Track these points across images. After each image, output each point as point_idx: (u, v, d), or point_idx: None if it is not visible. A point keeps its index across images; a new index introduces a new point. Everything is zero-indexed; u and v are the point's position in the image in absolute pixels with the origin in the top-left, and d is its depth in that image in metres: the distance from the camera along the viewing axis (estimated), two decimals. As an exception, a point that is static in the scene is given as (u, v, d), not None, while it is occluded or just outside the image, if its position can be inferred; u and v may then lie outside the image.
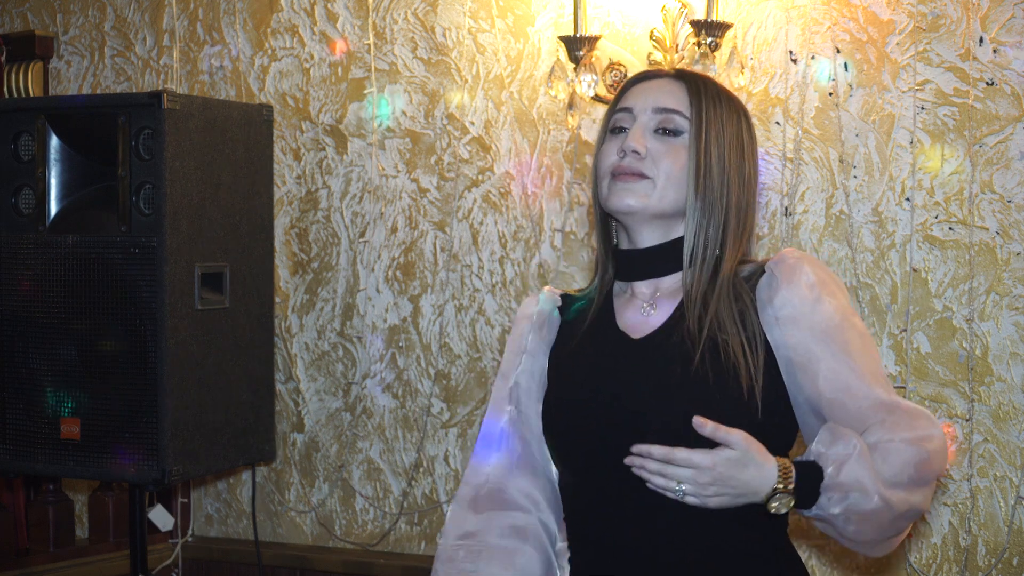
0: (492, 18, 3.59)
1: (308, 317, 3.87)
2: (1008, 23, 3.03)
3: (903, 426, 1.87)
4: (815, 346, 1.93)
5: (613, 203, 1.99)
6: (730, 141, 2.00)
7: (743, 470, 1.82)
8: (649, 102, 2.01)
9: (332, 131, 3.82)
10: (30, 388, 3.21)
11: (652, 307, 2.02)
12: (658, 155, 1.98)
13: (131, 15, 4.14)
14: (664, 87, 2.02)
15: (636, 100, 2.02)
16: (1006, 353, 3.05)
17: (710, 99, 2.00)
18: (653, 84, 2.04)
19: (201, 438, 3.19)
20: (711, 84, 2.04)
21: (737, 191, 2.00)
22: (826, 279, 1.98)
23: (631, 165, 1.98)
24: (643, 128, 1.99)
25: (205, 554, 3.99)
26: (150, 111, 3.08)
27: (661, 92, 2.02)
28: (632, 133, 1.99)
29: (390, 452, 3.77)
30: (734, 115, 2.02)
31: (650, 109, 2.00)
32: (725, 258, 1.99)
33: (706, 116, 1.99)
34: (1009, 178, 3.04)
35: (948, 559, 3.11)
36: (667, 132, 1.99)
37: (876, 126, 3.16)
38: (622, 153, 1.99)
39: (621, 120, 2.03)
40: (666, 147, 1.99)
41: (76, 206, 3.23)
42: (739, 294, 1.98)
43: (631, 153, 1.98)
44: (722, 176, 1.98)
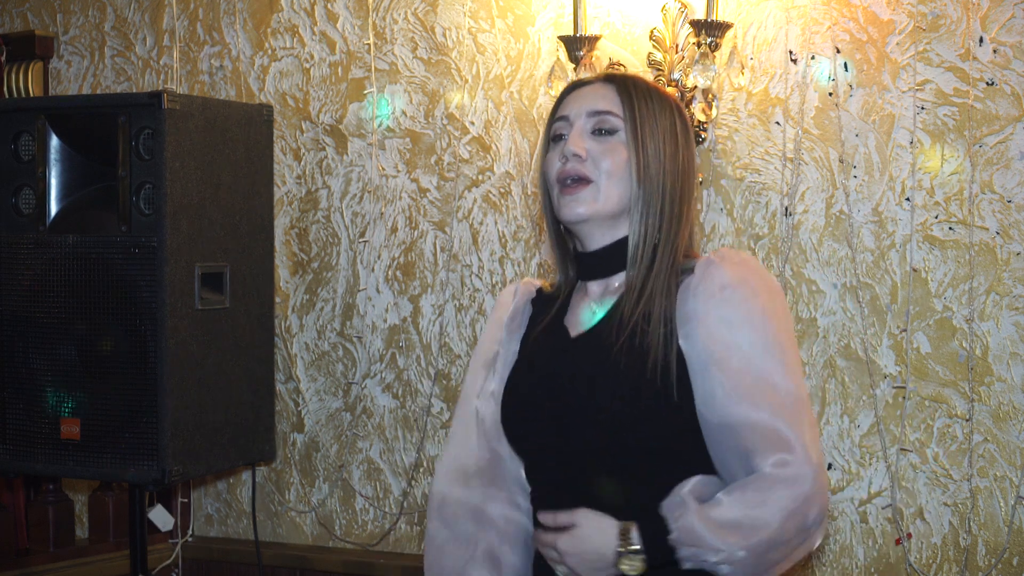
0: (492, 18, 3.59)
1: (308, 317, 3.87)
2: (1008, 23, 3.03)
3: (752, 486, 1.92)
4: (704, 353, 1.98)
5: (565, 215, 2.09)
6: (664, 134, 2.08)
7: (585, 542, 1.95)
8: (584, 107, 2.10)
9: (332, 131, 3.82)
10: (30, 388, 3.21)
11: (599, 305, 2.12)
12: (597, 155, 2.07)
13: (131, 15, 4.14)
14: (596, 91, 2.12)
15: (571, 107, 2.12)
16: (1006, 353, 3.05)
17: (640, 97, 2.09)
18: (585, 90, 2.13)
19: (201, 438, 3.19)
20: (640, 83, 2.13)
21: (673, 181, 2.08)
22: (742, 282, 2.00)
23: (574, 168, 2.07)
24: (580, 131, 2.09)
25: (205, 554, 3.99)
26: (150, 111, 3.08)
27: (594, 96, 2.11)
28: (571, 138, 2.08)
29: (390, 452, 3.77)
30: (666, 109, 2.11)
31: (584, 113, 2.10)
32: (661, 248, 2.05)
33: (639, 112, 2.08)
34: (1009, 178, 3.04)
35: (948, 559, 3.11)
36: (603, 132, 2.08)
37: (876, 126, 3.16)
38: (564, 159, 2.08)
39: (559, 128, 2.12)
40: (603, 146, 2.08)
41: (76, 206, 3.23)
42: (670, 289, 2.03)
43: (572, 157, 2.07)
44: (659, 168, 2.07)
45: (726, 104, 3.29)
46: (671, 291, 2.02)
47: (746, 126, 3.28)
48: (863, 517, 3.19)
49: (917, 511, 3.14)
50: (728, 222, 3.30)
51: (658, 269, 2.04)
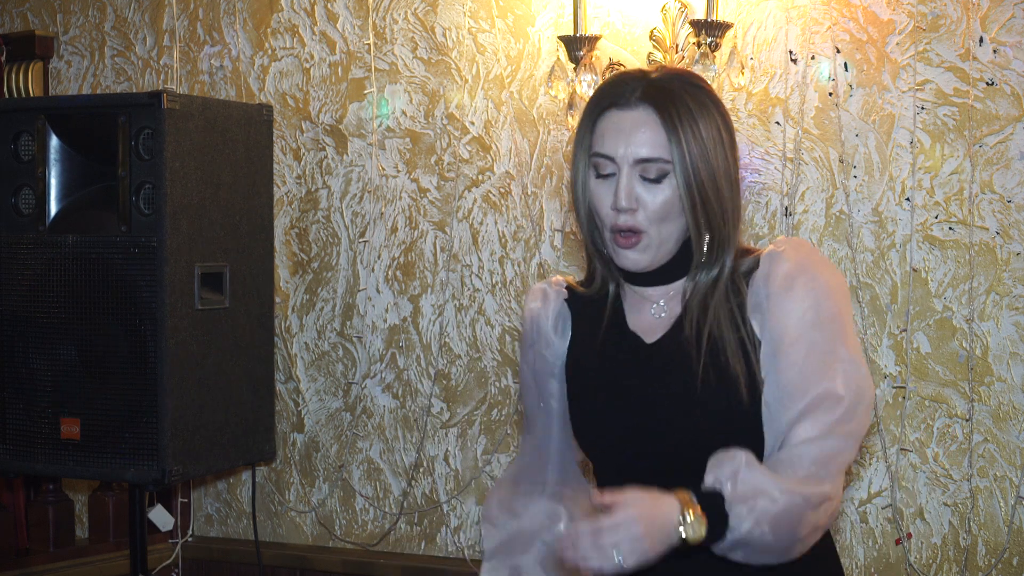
0: (492, 18, 3.59)
1: (308, 317, 3.87)
2: (1008, 23, 3.03)
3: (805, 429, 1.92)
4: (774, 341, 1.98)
5: (623, 264, 2.04)
6: (712, 148, 1.99)
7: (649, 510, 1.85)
8: (630, 152, 1.98)
9: (332, 131, 3.82)
10: (30, 388, 3.22)
11: (663, 308, 2.08)
12: (647, 202, 1.99)
13: (131, 15, 4.14)
14: (639, 127, 1.99)
15: (616, 147, 2.00)
16: (1006, 353, 3.05)
17: (685, 124, 1.98)
18: (626, 122, 2.00)
19: (201, 438, 3.19)
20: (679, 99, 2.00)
21: (727, 188, 2.02)
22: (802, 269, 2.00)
23: (627, 222, 2.00)
24: (628, 179, 1.99)
25: (205, 554, 3.99)
26: (150, 111, 3.08)
27: (637, 134, 1.99)
28: (622, 190, 1.99)
29: (390, 452, 3.77)
30: (708, 117, 2.01)
31: (631, 160, 1.99)
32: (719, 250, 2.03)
33: (687, 149, 1.97)
34: (1009, 178, 3.04)
35: (948, 559, 3.11)
36: (652, 180, 1.99)
37: (876, 126, 3.16)
38: (616, 209, 2.00)
39: (604, 166, 2.02)
40: (652, 194, 1.99)
41: (76, 206, 3.23)
42: (737, 289, 2.02)
43: (624, 210, 1.99)
44: (713, 185, 2.00)
45: (726, 104, 3.28)
46: (740, 289, 2.02)
47: (746, 126, 3.28)
48: (863, 517, 3.19)
49: (917, 511, 3.14)
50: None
51: (721, 269, 2.03)
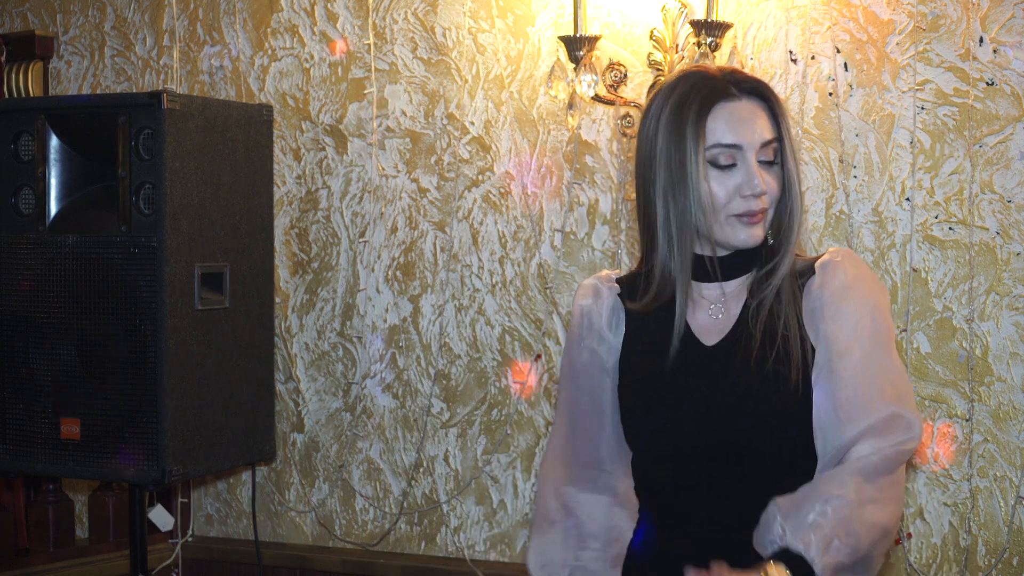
0: (492, 18, 3.59)
1: (308, 317, 3.87)
2: (1008, 23, 3.03)
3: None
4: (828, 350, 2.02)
5: (744, 242, 2.07)
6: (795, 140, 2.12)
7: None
8: (756, 138, 2.05)
9: (332, 131, 3.82)
10: (30, 388, 3.21)
11: (720, 310, 2.10)
12: (770, 186, 2.07)
13: (131, 15, 4.14)
14: (754, 112, 2.06)
15: (742, 135, 2.05)
16: (1006, 353, 3.05)
17: (783, 113, 2.09)
18: (743, 111, 2.07)
19: (201, 438, 3.19)
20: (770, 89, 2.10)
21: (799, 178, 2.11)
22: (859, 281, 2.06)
23: (759, 206, 2.06)
24: (756, 166, 2.05)
25: (205, 554, 3.99)
26: (150, 111, 3.08)
27: (758, 122, 2.06)
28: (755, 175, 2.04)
29: (390, 452, 3.77)
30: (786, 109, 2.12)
31: (758, 145, 2.05)
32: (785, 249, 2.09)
33: (787, 135, 2.08)
34: (1009, 178, 3.04)
35: (948, 559, 3.11)
36: (770, 163, 2.07)
37: (876, 126, 3.16)
38: (748, 198, 2.04)
39: (729, 158, 2.05)
40: (770, 175, 2.07)
41: (76, 206, 3.23)
42: (795, 292, 2.07)
43: (760, 197, 2.05)
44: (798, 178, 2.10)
45: (726, 104, 3.29)
46: (796, 294, 2.06)
47: (746, 126, 3.28)
48: (863, 517, 3.19)
49: (917, 511, 3.14)
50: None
51: (782, 272, 2.07)
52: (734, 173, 2.04)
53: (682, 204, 2.04)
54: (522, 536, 3.58)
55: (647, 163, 2.08)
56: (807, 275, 2.08)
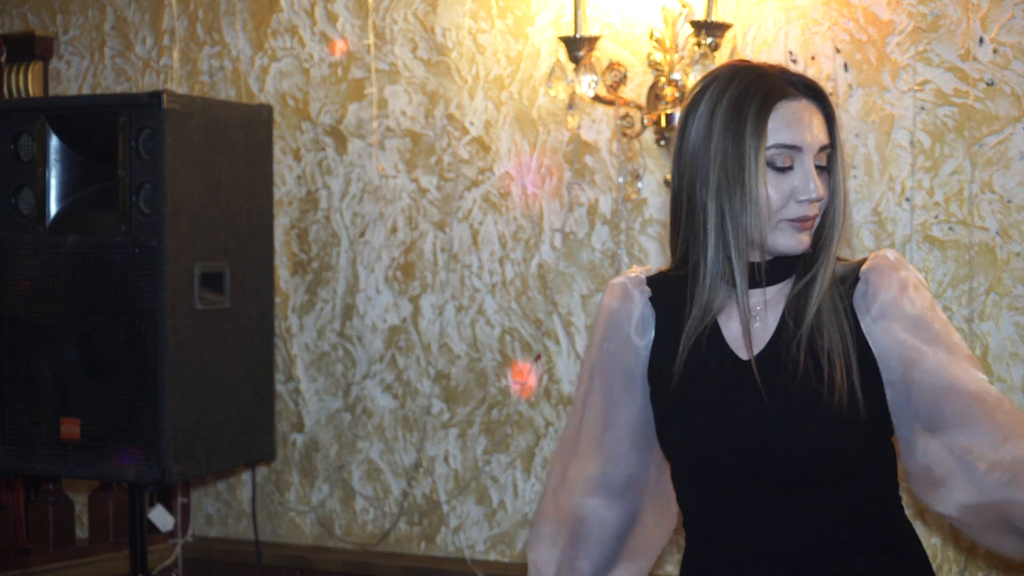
0: (492, 18, 3.59)
1: (308, 317, 3.87)
2: (1008, 23, 3.03)
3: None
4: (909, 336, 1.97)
5: (791, 247, 1.99)
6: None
7: None
8: (816, 142, 1.98)
9: (332, 131, 3.82)
10: (30, 388, 3.22)
11: (755, 319, 2.02)
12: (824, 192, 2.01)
13: (131, 15, 4.14)
14: (814, 116, 2.00)
15: (802, 136, 1.98)
16: (1006, 353, 3.05)
17: (836, 117, 2.03)
18: (802, 112, 1.99)
19: (201, 438, 3.19)
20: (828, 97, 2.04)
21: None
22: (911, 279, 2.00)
23: (815, 212, 1.99)
24: (813, 170, 1.98)
25: (205, 554, 3.99)
26: (150, 111, 3.08)
27: (813, 123, 1.99)
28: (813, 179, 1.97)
29: (390, 452, 3.77)
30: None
31: (816, 149, 1.99)
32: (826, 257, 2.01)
33: (839, 140, 2.02)
34: (1009, 178, 3.04)
35: (948, 559, 3.11)
36: (822, 169, 2.01)
37: (876, 126, 3.16)
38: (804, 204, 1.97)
39: (787, 160, 1.98)
40: (824, 180, 2.01)
41: (76, 206, 3.23)
42: (835, 301, 1.98)
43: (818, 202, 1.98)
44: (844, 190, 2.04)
45: (726, 104, 3.29)
46: (838, 303, 1.98)
47: (746, 126, 3.28)
48: (863, 517, 3.19)
49: (917, 511, 3.14)
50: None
51: (821, 280, 1.99)
52: (791, 176, 1.96)
53: (738, 206, 1.95)
54: (522, 536, 3.58)
55: (697, 161, 1.97)
56: (849, 280, 2.00)
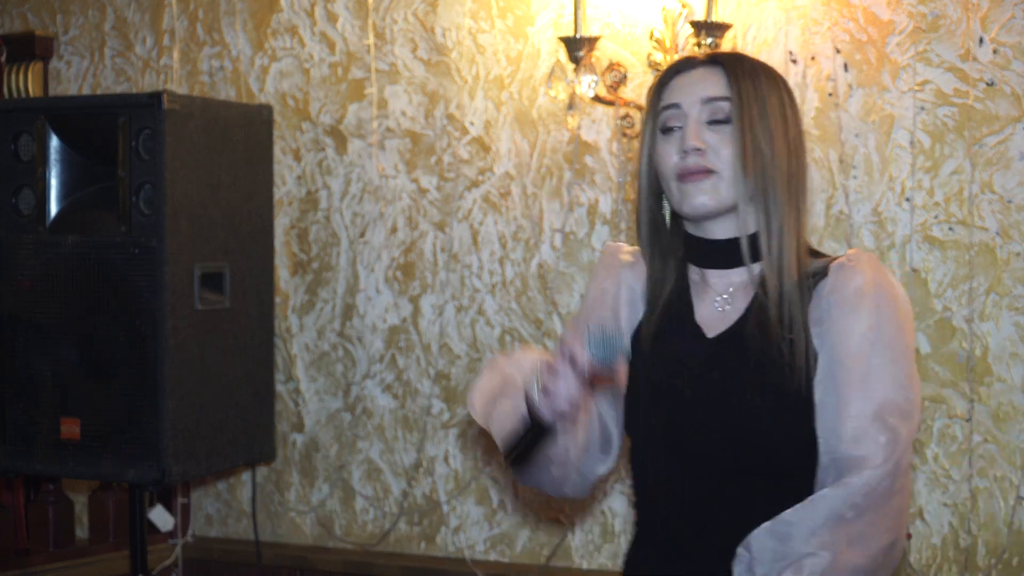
0: (492, 19, 3.59)
1: (308, 317, 3.87)
2: (1008, 23, 3.03)
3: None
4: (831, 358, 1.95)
5: (688, 207, 2.00)
6: (774, 114, 1.99)
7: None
8: (696, 94, 2.00)
9: (332, 131, 3.82)
10: (30, 388, 3.21)
11: (727, 301, 2.03)
12: (717, 146, 1.99)
13: (131, 15, 4.14)
14: (705, 76, 2.01)
15: (682, 95, 2.01)
16: (1006, 353, 3.05)
17: (747, 77, 1.99)
18: (692, 75, 2.02)
19: (201, 438, 3.19)
20: (746, 60, 2.04)
21: (788, 164, 2.00)
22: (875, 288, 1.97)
23: (696, 163, 1.98)
24: (697, 122, 1.99)
25: (205, 554, 3.99)
26: (150, 111, 3.08)
27: (703, 81, 2.01)
28: (688, 131, 1.99)
29: (390, 452, 3.77)
30: (774, 87, 2.02)
31: (698, 101, 1.99)
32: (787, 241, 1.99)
33: (746, 95, 1.98)
34: (1009, 178, 3.04)
35: (948, 559, 3.11)
36: (719, 122, 1.99)
37: (876, 126, 3.16)
38: (683, 153, 1.99)
39: (671, 118, 2.01)
40: (721, 136, 1.99)
41: (76, 206, 3.23)
42: (803, 291, 1.98)
43: (692, 152, 1.98)
44: (771, 152, 1.98)
45: (726, 104, 3.29)
46: (804, 294, 1.97)
47: (746, 126, 3.28)
48: (863, 517, 3.19)
49: (917, 511, 3.14)
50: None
51: (788, 265, 1.98)
52: (678, 135, 2.00)
53: (645, 181, 2.04)
54: (522, 536, 3.58)
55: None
56: (820, 276, 1.99)
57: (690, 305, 2.06)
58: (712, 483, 1.98)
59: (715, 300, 2.04)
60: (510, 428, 2.01)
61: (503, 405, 2.05)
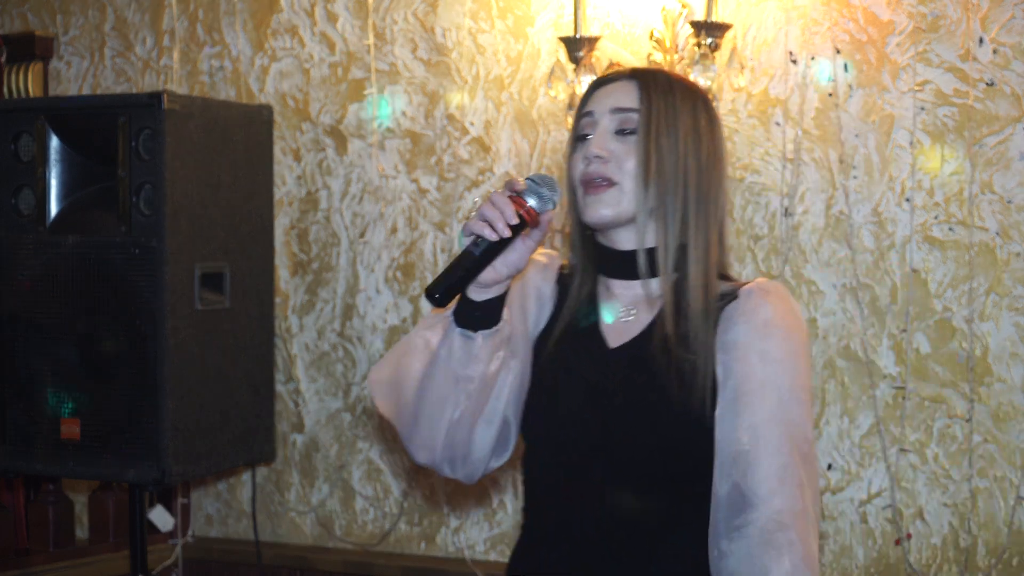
0: (492, 19, 3.59)
1: (308, 318, 3.87)
2: (1008, 23, 3.03)
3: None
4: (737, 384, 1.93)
5: (588, 217, 2.04)
6: (685, 130, 2.01)
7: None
8: (608, 103, 2.04)
9: (332, 132, 3.82)
10: (30, 388, 3.21)
11: (631, 313, 2.05)
12: (621, 156, 2.01)
13: (131, 16, 4.14)
14: (620, 88, 2.05)
15: (596, 104, 2.05)
16: (1006, 353, 3.05)
17: (660, 91, 2.02)
18: (611, 87, 2.07)
19: (201, 438, 3.19)
20: (663, 76, 2.07)
21: (696, 180, 2.01)
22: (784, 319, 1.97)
23: (597, 170, 2.01)
24: (605, 131, 2.03)
25: (205, 554, 3.99)
26: (150, 112, 3.08)
27: (617, 93, 2.04)
28: (594, 139, 2.02)
29: (390, 453, 3.77)
30: (688, 103, 2.03)
31: (608, 111, 2.03)
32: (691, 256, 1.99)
33: (655, 108, 2.00)
34: (1009, 178, 3.04)
35: (948, 559, 3.11)
36: (627, 132, 2.02)
37: (876, 126, 3.16)
38: (587, 161, 2.02)
39: (585, 126, 2.06)
40: (627, 147, 2.01)
41: (76, 206, 3.23)
42: (709, 313, 1.97)
43: (594, 159, 2.01)
44: (676, 167, 2.00)
45: (726, 105, 3.29)
46: (709, 315, 1.97)
47: (746, 127, 3.28)
48: (863, 517, 3.19)
49: (917, 511, 3.14)
50: (728, 223, 3.30)
51: (693, 284, 1.98)
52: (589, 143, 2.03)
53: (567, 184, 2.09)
54: (522, 536, 3.59)
55: None
56: (729, 299, 1.98)
57: (596, 314, 2.07)
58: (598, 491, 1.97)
59: (620, 312, 2.05)
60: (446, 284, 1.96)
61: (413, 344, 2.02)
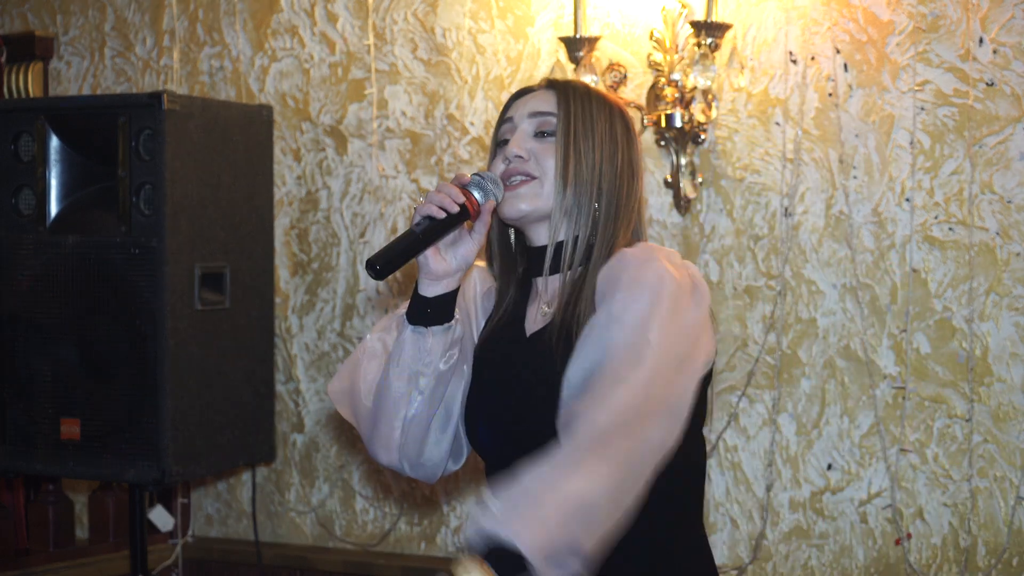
0: (492, 19, 3.59)
1: (308, 318, 3.87)
2: (1008, 23, 3.03)
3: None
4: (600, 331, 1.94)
5: (506, 211, 2.11)
6: (600, 136, 2.10)
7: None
8: (526, 109, 2.14)
9: (332, 131, 3.82)
10: (30, 388, 3.22)
11: (548, 305, 2.12)
12: (539, 154, 2.10)
13: (131, 16, 4.14)
14: (538, 96, 2.15)
15: (515, 111, 2.16)
16: (1006, 353, 3.05)
17: (577, 98, 2.12)
18: (529, 96, 2.17)
19: (201, 438, 3.19)
20: (580, 86, 2.17)
21: (610, 184, 2.09)
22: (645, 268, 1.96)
23: (517, 168, 2.10)
24: (523, 134, 2.12)
25: (205, 554, 3.99)
26: (150, 112, 3.08)
27: (535, 100, 2.15)
28: (513, 140, 2.12)
29: (390, 452, 3.76)
30: (604, 111, 2.13)
31: (526, 115, 2.13)
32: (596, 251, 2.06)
33: (573, 112, 2.10)
34: (1009, 178, 3.04)
35: (948, 559, 3.11)
36: (545, 134, 2.11)
37: (876, 126, 3.16)
38: (507, 161, 2.12)
39: (505, 132, 2.16)
40: (545, 146, 2.11)
41: (76, 206, 3.23)
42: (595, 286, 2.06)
43: (514, 159, 2.11)
44: (592, 168, 2.09)
45: (726, 105, 3.29)
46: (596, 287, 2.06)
47: (746, 127, 3.28)
48: (863, 517, 3.19)
49: (917, 511, 3.14)
50: (728, 223, 3.30)
51: (593, 271, 2.06)
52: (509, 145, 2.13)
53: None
54: (522, 536, 3.58)
55: None
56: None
57: (523, 311, 2.16)
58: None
59: (541, 306, 2.14)
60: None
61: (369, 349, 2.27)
